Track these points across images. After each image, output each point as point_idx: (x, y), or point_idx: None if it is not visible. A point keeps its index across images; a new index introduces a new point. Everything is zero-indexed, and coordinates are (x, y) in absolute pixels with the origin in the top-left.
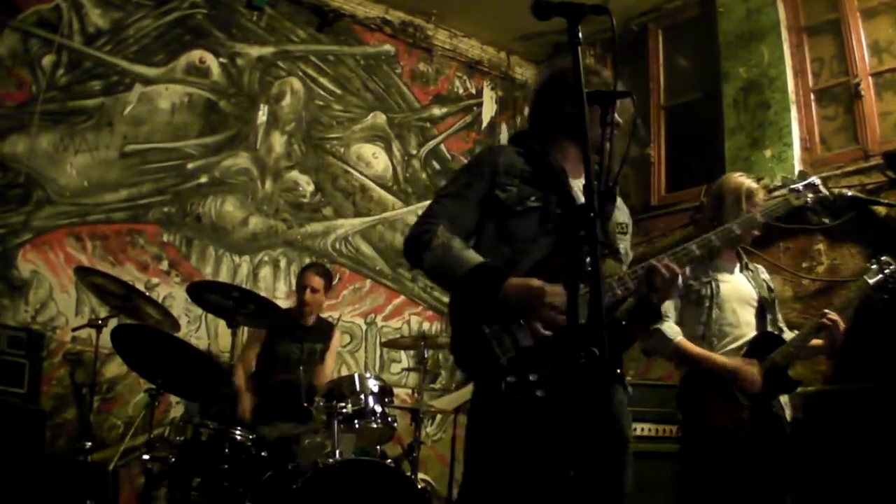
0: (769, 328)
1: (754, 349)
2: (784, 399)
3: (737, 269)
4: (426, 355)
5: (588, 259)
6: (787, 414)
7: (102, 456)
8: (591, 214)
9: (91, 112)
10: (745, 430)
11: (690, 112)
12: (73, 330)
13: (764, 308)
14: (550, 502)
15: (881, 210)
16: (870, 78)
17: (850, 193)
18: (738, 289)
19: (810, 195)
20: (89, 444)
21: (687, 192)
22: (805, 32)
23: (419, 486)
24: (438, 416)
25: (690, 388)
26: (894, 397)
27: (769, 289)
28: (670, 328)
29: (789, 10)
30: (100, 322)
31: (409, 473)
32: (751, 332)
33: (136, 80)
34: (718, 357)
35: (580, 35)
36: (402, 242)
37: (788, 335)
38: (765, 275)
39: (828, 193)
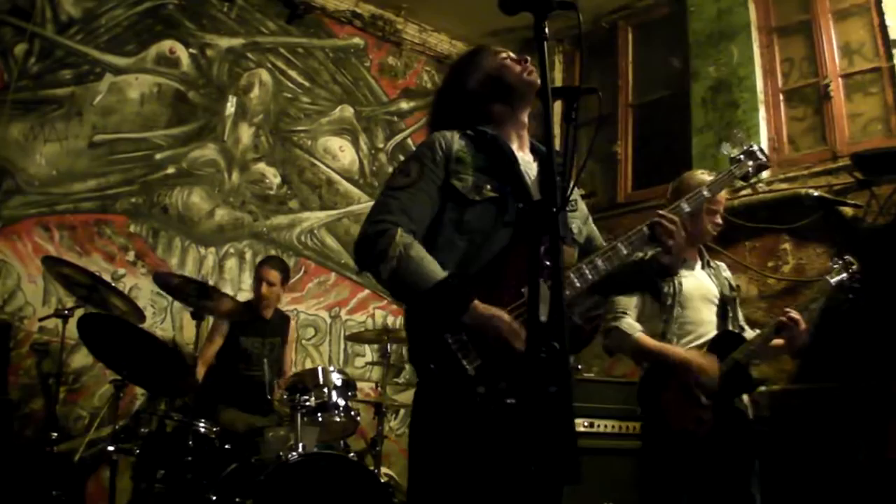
0: (730, 326)
1: (715, 348)
2: (745, 398)
3: (698, 266)
4: (390, 349)
5: (547, 253)
6: (749, 412)
7: (69, 447)
8: (554, 210)
9: (61, 101)
10: (706, 430)
11: (659, 110)
12: (41, 320)
13: (725, 306)
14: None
15: (848, 211)
16: (840, 79)
17: (816, 194)
18: (700, 286)
19: (751, 163)
20: (55, 434)
21: (653, 189)
22: (776, 33)
23: (382, 481)
24: (402, 411)
25: (650, 386)
26: (857, 397)
27: (731, 287)
28: (629, 325)
29: (760, 11)
30: (66, 312)
31: (372, 467)
32: (712, 330)
33: (107, 70)
34: (676, 350)
35: (547, 31)
36: (354, 243)
37: (749, 334)
38: (727, 272)
39: (765, 159)
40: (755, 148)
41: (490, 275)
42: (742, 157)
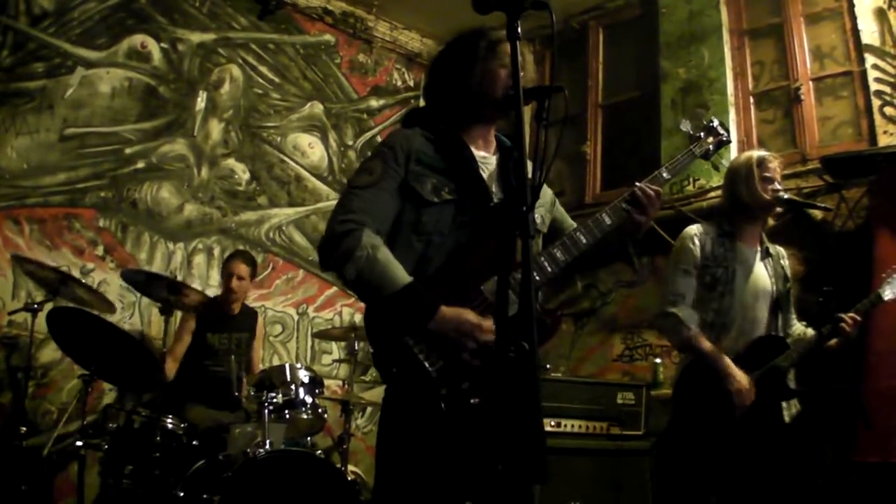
0: (779, 324)
1: (755, 351)
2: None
3: (757, 256)
4: (357, 347)
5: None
6: (786, 415)
7: (37, 441)
8: (524, 209)
9: (33, 94)
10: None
11: (628, 111)
12: (10, 314)
13: (778, 304)
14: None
15: (817, 214)
16: (811, 83)
17: (786, 196)
18: (755, 281)
19: (711, 139)
20: (24, 429)
21: (621, 190)
22: (747, 35)
23: (349, 478)
24: (369, 409)
25: (691, 382)
26: (825, 400)
27: (785, 278)
28: (687, 315)
29: (732, 13)
30: (35, 306)
31: (338, 465)
32: (761, 328)
33: (79, 63)
34: (727, 363)
35: (519, 30)
36: (320, 242)
37: (800, 329)
38: (784, 260)
39: (726, 134)
40: (715, 123)
41: (448, 273)
42: (702, 134)
